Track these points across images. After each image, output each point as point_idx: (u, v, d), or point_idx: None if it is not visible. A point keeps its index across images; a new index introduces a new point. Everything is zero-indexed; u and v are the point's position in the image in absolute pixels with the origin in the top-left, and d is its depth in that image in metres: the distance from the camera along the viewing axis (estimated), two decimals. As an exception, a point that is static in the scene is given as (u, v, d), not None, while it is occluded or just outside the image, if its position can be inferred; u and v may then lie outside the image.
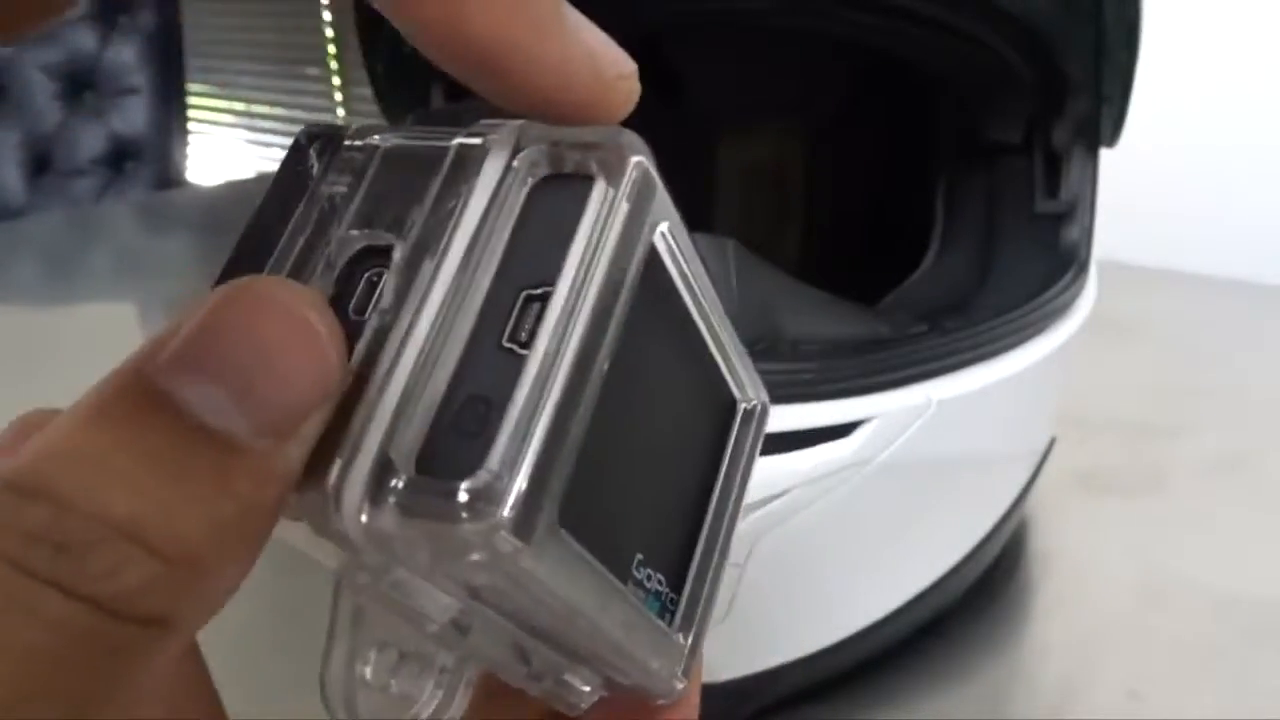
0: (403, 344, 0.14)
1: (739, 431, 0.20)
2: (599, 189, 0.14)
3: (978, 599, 0.42)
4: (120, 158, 1.41)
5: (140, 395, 0.12)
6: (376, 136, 0.16)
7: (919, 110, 0.47)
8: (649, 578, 0.16)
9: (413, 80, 0.45)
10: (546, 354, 0.13)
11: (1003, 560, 0.44)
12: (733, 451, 0.20)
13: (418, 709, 0.15)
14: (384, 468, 0.13)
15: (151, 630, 0.12)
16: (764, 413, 0.20)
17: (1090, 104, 0.41)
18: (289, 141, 0.17)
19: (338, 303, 0.14)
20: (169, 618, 0.12)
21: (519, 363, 0.13)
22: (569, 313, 0.14)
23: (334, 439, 0.13)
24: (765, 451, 0.31)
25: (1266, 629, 0.41)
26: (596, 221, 0.14)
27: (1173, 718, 0.37)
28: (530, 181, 0.15)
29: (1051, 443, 0.44)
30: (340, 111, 2.12)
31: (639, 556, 0.16)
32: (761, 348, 0.33)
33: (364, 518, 0.13)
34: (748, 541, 0.32)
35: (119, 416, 0.12)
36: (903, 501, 0.35)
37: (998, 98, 0.42)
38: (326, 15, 2.09)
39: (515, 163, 0.15)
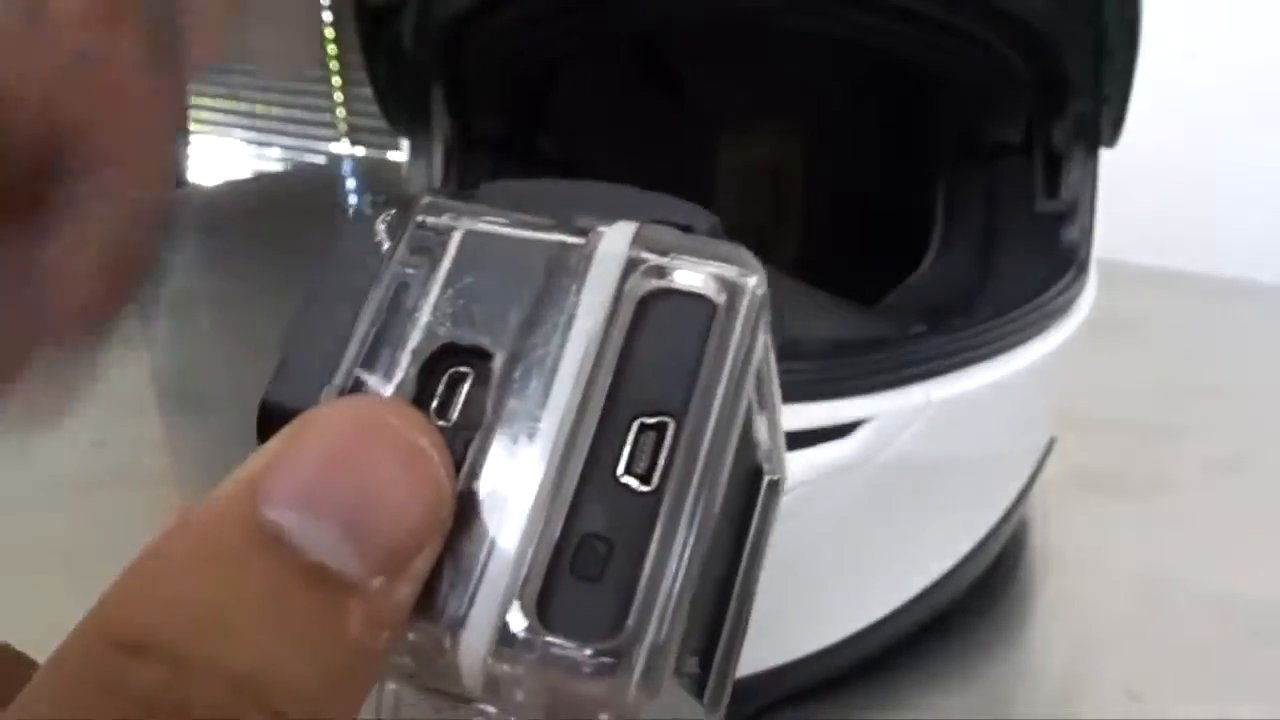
0: (515, 471, 0.13)
1: (763, 505, 0.19)
2: (721, 313, 0.14)
3: (978, 599, 0.42)
4: (120, 158, 1.41)
5: (249, 533, 0.11)
6: (450, 216, 0.15)
7: (919, 110, 0.47)
8: (691, 664, 0.16)
9: (413, 80, 0.45)
10: (675, 497, 0.13)
11: (1003, 560, 0.44)
12: (757, 525, 0.19)
13: None
14: (511, 618, 0.12)
15: None
16: (782, 484, 0.19)
17: (1090, 104, 0.41)
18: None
19: (416, 404, 0.14)
20: None
21: (639, 502, 0.13)
22: (695, 450, 0.13)
23: (441, 570, 0.12)
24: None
25: (1266, 629, 0.41)
26: (720, 347, 0.13)
27: (1173, 718, 0.37)
28: (641, 292, 0.14)
29: (1051, 443, 0.44)
30: (340, 112, 2.12)
31: (687, 653, 0.15)
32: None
33: (489, 666, 0.12)
34: (748, 541, 0.32)
35: (227, 558, 0.11)
36: (903, 501, 0.35)
37: (998, 98, 0.42)
38: (327, 15, 2.09)
39: (629, 275, 0.14)
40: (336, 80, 2.11)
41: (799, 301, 0.35)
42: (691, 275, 0.14)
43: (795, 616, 0.35)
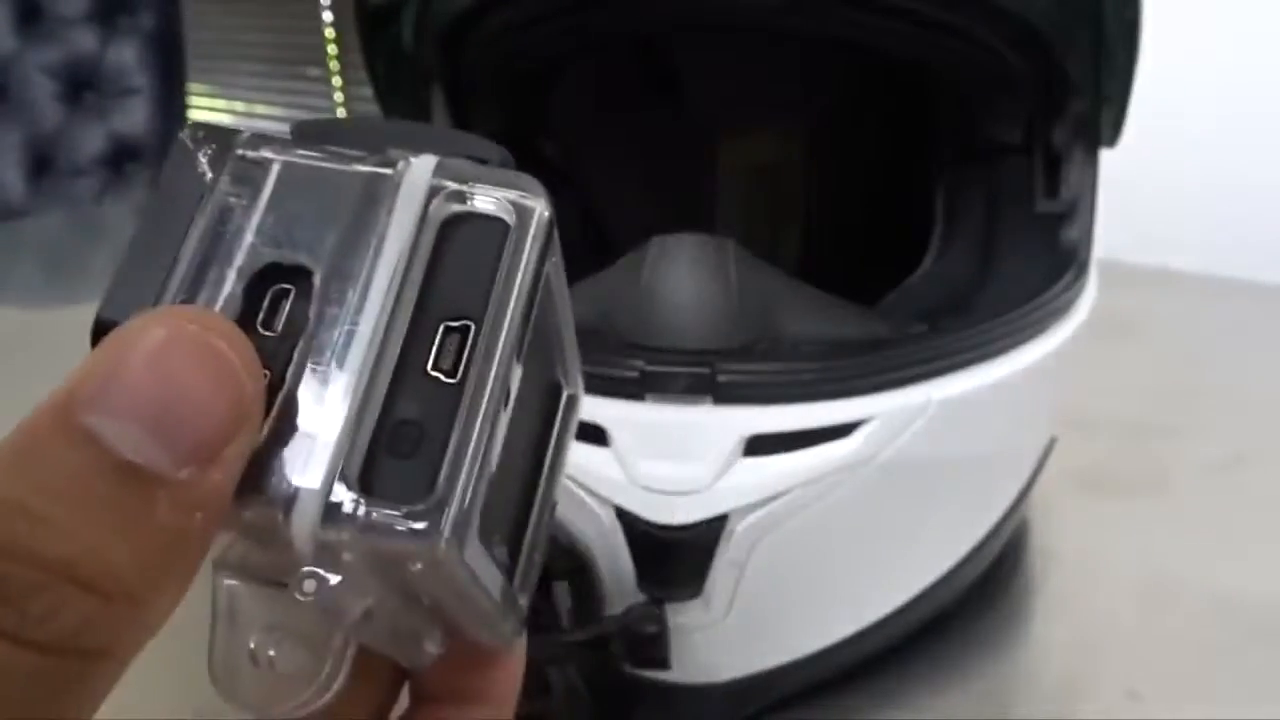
0: (334, 368, 0.15)
1: (563, 417, 0.21)
2: (514, 232, 0.16)
3: (978, 599, 0.42)
4: (120, 158, 1.41)
5: (60, 436, 0.13)
6: (268, 150, 0.16)
7: (919, 110, 0.47)
8: (500, 552, 0.18)
9: (413, 80, 0.45)
10: (475, 387, 0.15)
11: (1003, 560, 0.44)
12: (558, 434, 0.21)
13: (316, 686, 0.16)
14: (336, 491, 0.14)
15: (93, 663, 0.13)
16: (579, 400, 0.22)
17: (1090, 104, 0.41)
18: None
19: (244, 319, 0.15)
20: (109, 649, 0.13)
21: (445, 391, 0.15)
22: (491, 347, 0.15)
23: (271, 457, 0.14)
24: (765, 452, 0.32)
25: (1266, 629, 0.41)
26: (513, 262, 0.16)
27: (1173, 718, 0.37)
28: (443, 214, 0.16)
29: (1051, 443, 0.44)
30: (340, 112, 2.12)
31: (495, 536, 0.17)
32: (761, 348, 0.33)
33: (319, 534, 0.14)
34: (748, 541, 0.32)
35: (40, 460, 0.13)
36: (903, 501, 0.35)
37: (998, 98, 0.42)
38: (327, 15, 2.09)
39: (432, 200, 0.16)
40: (336, 80, 2.11)
41: (799, 301, 0.35)
42: (486, 200, 0.16)
43: (795, 616, 0.35)
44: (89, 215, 1.26)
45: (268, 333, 0.15)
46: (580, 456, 0.32)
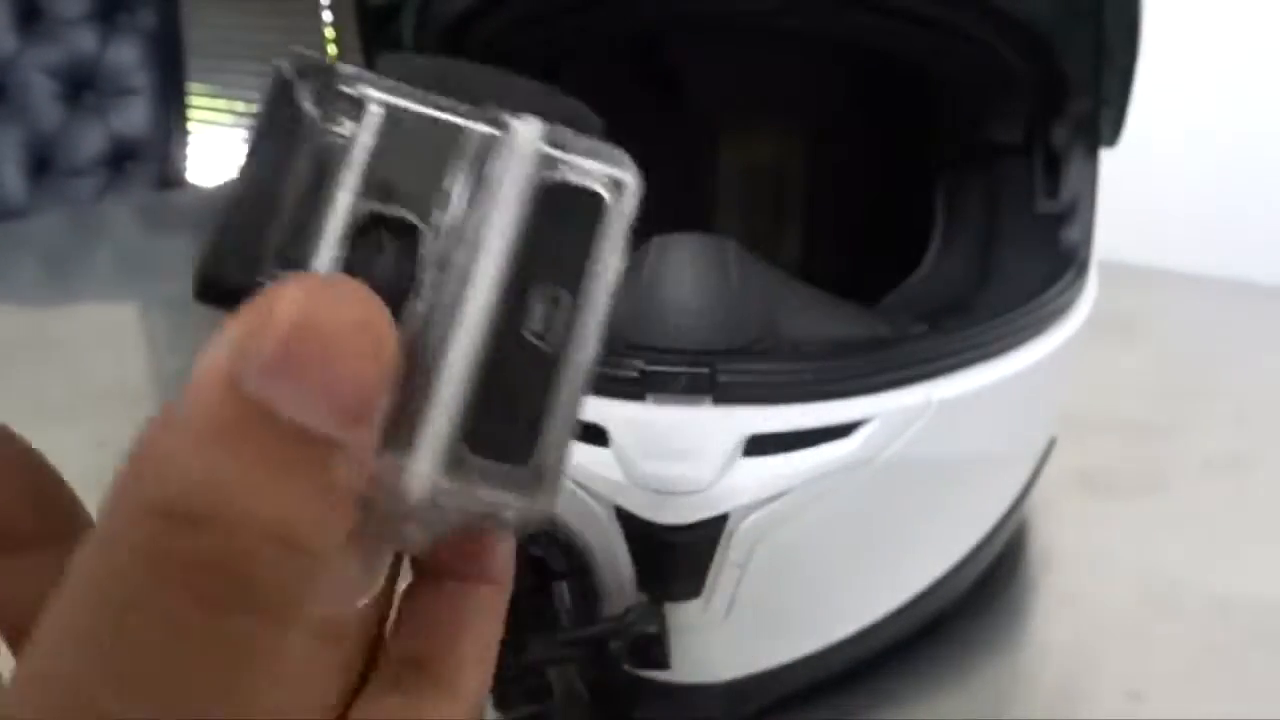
0: (446, 327, 0.15)
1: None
2: (609, 207, 0.17)
3: (978, 599, 0.42)
4: (120, 158, 1.41)
5: (239, 407, 0.13)
6: (367, 87, 0.16)
7: (919, 110, 0.47)
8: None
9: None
10: (572, 355, 0.16)
11: (1003, 560, 0.44)
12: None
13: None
14: (454, 446, 0.15)
15: (310, 624, 0.14)
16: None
17: (1090, 104, 0.41)
18: None
19: (348, 269, 0.15)
20: (313, 595, 0.14)
21: (540, 356, 0.16)
22: (585, 318, 0.16)
23: (391, 411, 0.15)
24: (765, 452, 0.32)
25: (1266, 629, 0.41)
26: (608, 237, 0.17)
27: (1173, 718, 0.37)
28: (546, 182, 0.17)
29: (1052, 443, 0.44)
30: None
31: None
32: (761, 348, 0.33)
33: (435, 483, 0.15)
34: (748, 541, 0.32)
35: (228, 431, 0.13)
36: (903, 501, 0.35)
37: (998, 98, 0.42)
38: (327, 15, 2.09)
39: (540, 170, 0.16)
40: (336, 80, 2.11)
41: (799, 301, 0.35)
42: (586, 172, 0.17)
43: (795, 616, 0.35)
44: (89, 215, 1.26)
45: (363, 278, 0.15)
46: (580, 456, 0.32)
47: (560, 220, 0.16)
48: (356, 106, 0.16)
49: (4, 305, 0.83)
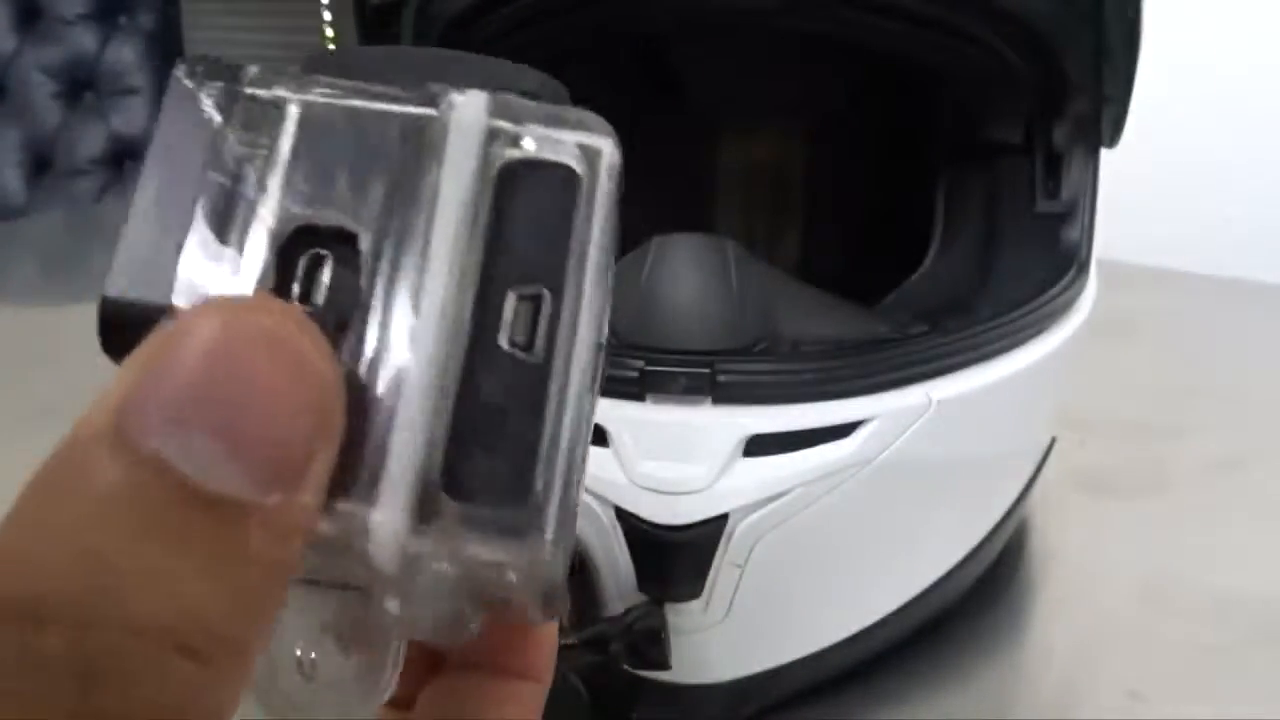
0: (401, 348, 0.13)
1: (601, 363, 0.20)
2: (584, 181, 0.14)
3: (978, 599, 0.42)
4: (120, 158, 1.41)
5: (126, 463, 0.10)
6: (282, 88, 0.14)
7: (919, 110, 0.47)
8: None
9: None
10: (564, 364, 0.13)
11: (1003, 560, 0.44)
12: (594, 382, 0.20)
13: (375, 692, 0.14)
14: (424, 494, 0.12)
15: None
16: (606, 345, 0.21)
17: (1090, 104, 0.41)
18: None
19: (278, 291, 0.13)
20: (220, 708, 0.11)
21: (527, 371, 0.13)
22: (575, 319, 0.13)
23: (344, 458, 0.12)
24: (765, 452, 0.31)
25: (1266, 629, 0.41)
26: (587, 217, 0.14)
27: (1173, 718, 0.37)
28: (501, 162, 0.14)
29: (1051, 443, 0.44)
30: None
31: None
32: (761, 348, 0.33)
33: (404, 540, 0.12)
34: (748, 541, 0.32)
35: (107, 495, 0.10)
36: (903, 501, 0.35)
37: (998, 98, 0.42)
38: (326, 15, 2.09)
39: (489, 147, 0.14)
40: (336, 80, 2.11)
41: (799, 301, 0.35)
42: (549, 144, 0.14)
43: (795, 616, 0.35)
44: (89, 215, 1.26)
45: (306, 307, 0.13)
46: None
47: (527, 205, 0.14)
48: (272, 109, 0.14)
49: (4, 305, 0.83)
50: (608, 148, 0.14)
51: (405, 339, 0.13)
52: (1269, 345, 0.69)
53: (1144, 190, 0.70)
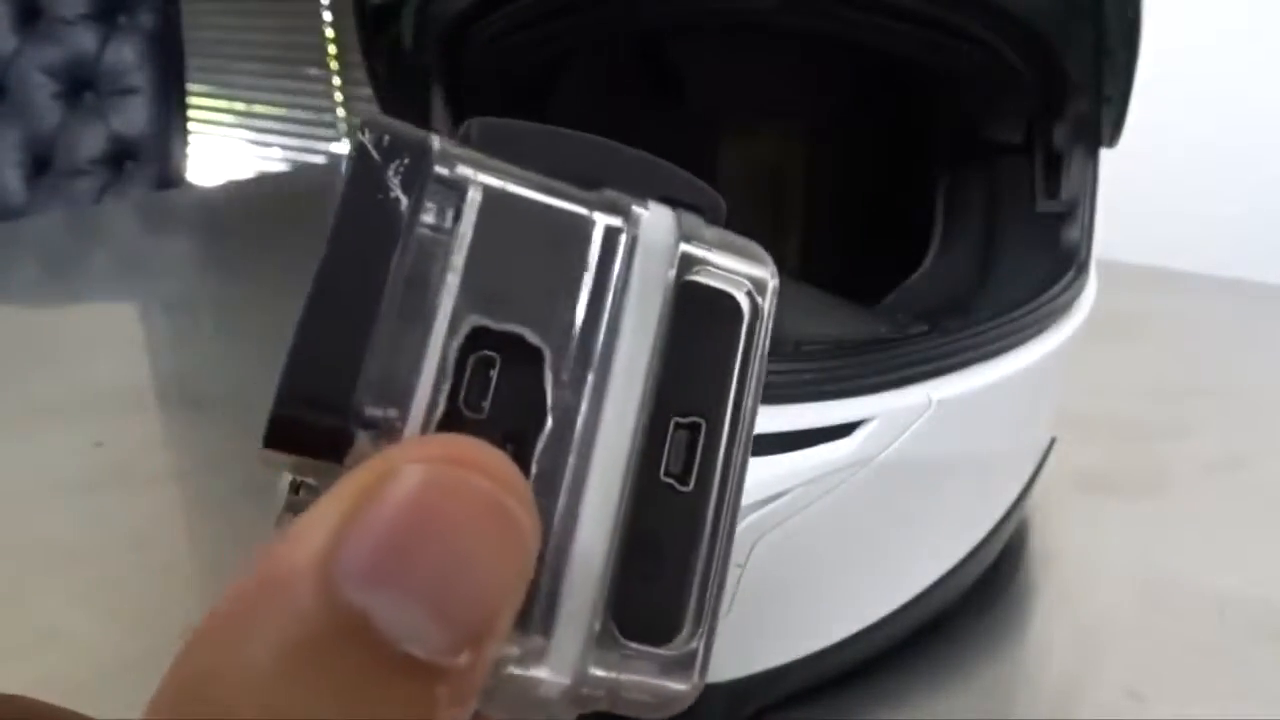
0: (579, 474, 0.12)
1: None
2: (748, 317, 0.14)
3: (978, 599, 0.42)
4: (120, 158, 1.41)
5: (332, 617, 0.10)
6: (465, 168, 0.13)
7: (919, 110, 0.47)
8: None
9: (413, 80, 0.45)
10: (717, 498, 0.13)
11: (1003, 560, 0.44)
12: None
13: None
14: (600, 628, 0.12)
15: None
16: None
17: (1090, 104, 0.41)
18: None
19: (451, 396, 0.12)
20: None
21: (683, 502, 0.13)
22: (731, 452, 0.13)
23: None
24: (765, 452, 0.31)
25: (1266, 629, 0.41)
26: (748, 351, 0.14)
27: (1173, 718, 0.37)
28: (678, 285, 0.13)
29: (1051, 443, 0.44)
30: (340, 112, 2.12)
31: None
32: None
33: (578, 677, 0.12)
34: (748, 541, 0.32)
35: (311, 647, 0.10)
36: (903, 501, 0.35)
37: (998, 98, 0.42)
38: (327, 15, 2.09)
39: (671, 271, 0.13)
40: (336, 80, 2.11)
41: (799, 301, 0.35)
42: (724, 274, 0.14)
43: (795, 616, 0.35)
44: (89, 215, 1.26)
45: (472, 413, 0.12)
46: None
47: (697, 334, 0.13)
48: (453, 190, 0.13)
49: (4, 305, 0.83)
50: (772, 282, 0.14)
51: (577, 463, 0.12)
52: (1269, 345, 0.69)
53: (1144, 190, 0.70)
